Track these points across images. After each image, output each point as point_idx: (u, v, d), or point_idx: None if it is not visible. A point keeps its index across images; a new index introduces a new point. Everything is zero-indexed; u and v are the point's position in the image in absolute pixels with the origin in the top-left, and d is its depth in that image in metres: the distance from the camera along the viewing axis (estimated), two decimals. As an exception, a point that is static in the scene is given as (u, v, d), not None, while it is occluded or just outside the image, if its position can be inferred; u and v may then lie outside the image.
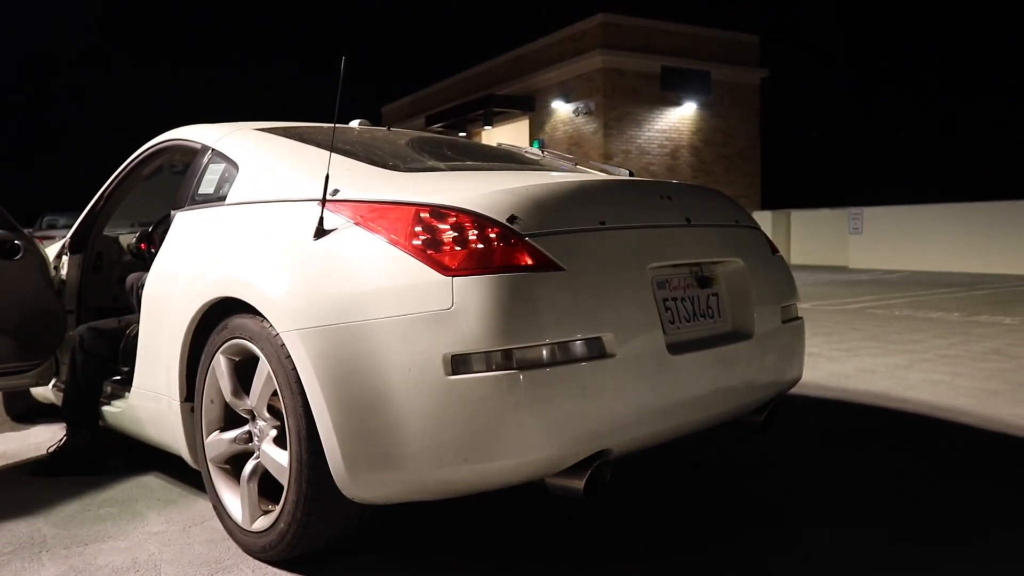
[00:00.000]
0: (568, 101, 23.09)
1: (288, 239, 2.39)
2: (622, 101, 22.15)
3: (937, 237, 16.14)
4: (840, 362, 5.62)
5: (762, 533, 2.57)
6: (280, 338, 2.25)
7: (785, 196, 27.45)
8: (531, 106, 24.42)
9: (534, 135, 24.14)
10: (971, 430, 3.74)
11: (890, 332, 7.13)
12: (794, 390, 4.61)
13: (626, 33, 22.23)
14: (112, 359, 3.37)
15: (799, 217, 19.84)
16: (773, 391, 2.76)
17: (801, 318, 2.96)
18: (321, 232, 2.29)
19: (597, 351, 2.11)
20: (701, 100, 23.21)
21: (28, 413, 4.36)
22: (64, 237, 4.02)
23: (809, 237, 19.47)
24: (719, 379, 2.45)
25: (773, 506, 2.82)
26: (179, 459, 2.86)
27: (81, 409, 3.33)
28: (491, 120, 25.23)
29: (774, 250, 2.97)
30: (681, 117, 23.13)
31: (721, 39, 23.77)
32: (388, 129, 3.65)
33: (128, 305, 3.71)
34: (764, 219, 19.80)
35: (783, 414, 4.06)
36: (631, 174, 3.36)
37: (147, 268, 3.11)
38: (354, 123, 3.69)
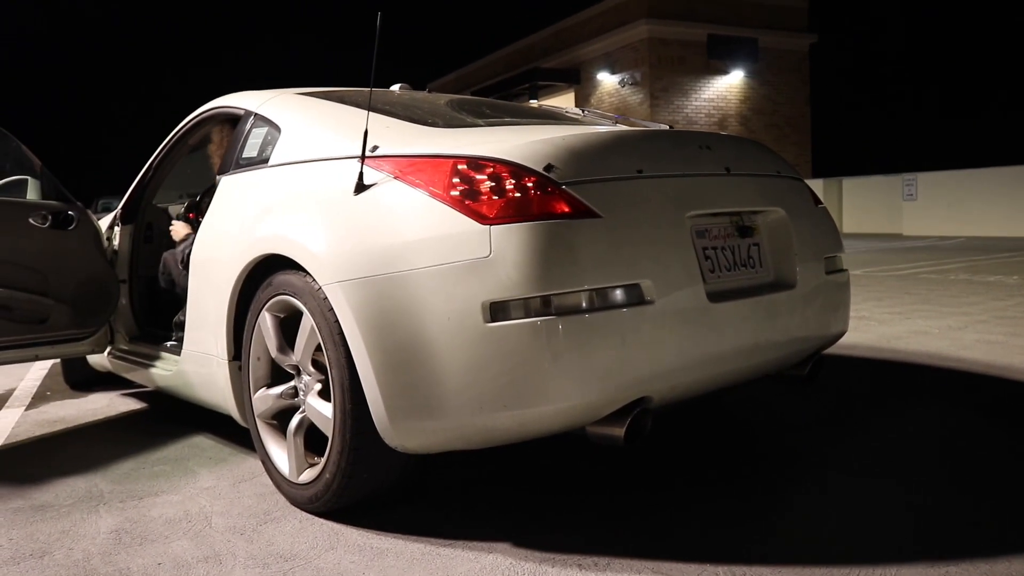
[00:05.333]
0: (613, 72, 22.88)
1: (329, 196, 2.42)
2: (668, 71, 21.87)
3: (995, 201, 15.71)
4: (892, 325, 5.52)
5: (805, 485, 2.55)
6: (323, 291, 2.28)
7: (837, 164, 26.99)
8: (576, 79, 24.24)
9: (580, 108, 23.94)
10: (1026, 387, 3.65)
11: (945, 296, 6.98)
12: (843, 351, 4.55)
13: (670, 1, 21.89)
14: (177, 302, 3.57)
15: (851, 184, 19.47)
16: (816, 344, 2.72)
17: (846, 270, 2.91)
18: (361, 187, 2.31)
19: (635, 298, 2.10)
20: (748, 68, 22.82)
21: (85, 381, 4.49)
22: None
23: (862, 205, 19.11)
24: (760, 329, 2.43)
25: (821, 460, 2.79)
26: (229, 421, 2.92)
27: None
28: (536, 94, 25.09)
29: (817, 202, 2.92)
30: (728, 86, 22.77)
31: (768, 5, 23.28)
32: (428, 91, 3.66)
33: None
34: (815, 187, 19.39)
35: (831, 372, 4.01)
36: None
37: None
38: (394, 87, 3.70)
